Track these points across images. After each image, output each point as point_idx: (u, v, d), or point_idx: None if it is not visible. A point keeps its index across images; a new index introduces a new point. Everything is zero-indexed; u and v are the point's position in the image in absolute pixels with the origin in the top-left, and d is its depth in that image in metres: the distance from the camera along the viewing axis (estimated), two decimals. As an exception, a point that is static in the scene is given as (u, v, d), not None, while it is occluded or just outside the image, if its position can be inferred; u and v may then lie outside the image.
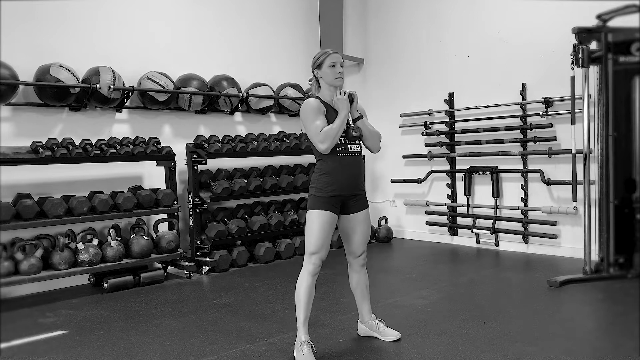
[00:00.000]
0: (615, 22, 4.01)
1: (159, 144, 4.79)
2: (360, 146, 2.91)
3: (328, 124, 2.73)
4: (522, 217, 5.27)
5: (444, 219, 5.94)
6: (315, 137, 2.72)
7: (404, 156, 6.24)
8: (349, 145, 2.82)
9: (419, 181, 6.07)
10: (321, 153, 2.77)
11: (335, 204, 2.79)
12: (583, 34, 4.06)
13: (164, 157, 4.69)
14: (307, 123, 2.75)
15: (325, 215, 2.75)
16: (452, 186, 5.88)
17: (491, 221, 5.44)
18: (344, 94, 2.78)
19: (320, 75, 2.84)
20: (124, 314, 3.63)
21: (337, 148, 2.79)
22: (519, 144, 5.27)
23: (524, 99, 5.22)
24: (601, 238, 4.14)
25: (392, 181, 6.35)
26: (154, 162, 4.84)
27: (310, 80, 2.92)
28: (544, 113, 5.00)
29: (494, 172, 5.41)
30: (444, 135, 5.87)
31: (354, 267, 3.00)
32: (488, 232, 5.45)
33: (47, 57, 4.31)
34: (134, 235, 4.47)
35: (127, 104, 4.79)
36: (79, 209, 4.13)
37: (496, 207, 5.42)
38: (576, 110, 4.30)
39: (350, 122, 2.82)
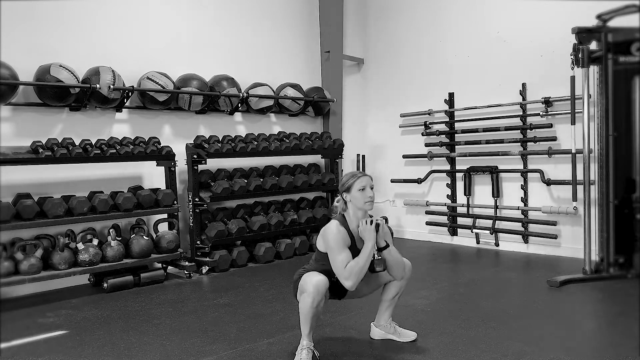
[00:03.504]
0: (615, 22, 4.01)
1: (159, 144, 4.79)
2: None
3: (352, 256, 2.63)
4: (522, 217, 5.27)
5: (444, 219, 5.94)
6: (340, 273, 2.62)
7: (404, 156, 6.23)
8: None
9: (419, 181, 6.07)
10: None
11: None
12: (583, 34, 4.06)
13: (164, 157, 4.69)
14: (332, 254, 2.65)
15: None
16: (452, 186, 5.88)
17: (491, 221, 5.44)
18: (371, 223, 2.67)
19: (349, 198, 2.75)
20: (124, 314, 3.63)
21: None
22: (519, 144, 5.27)
23: (524, 99, 5.22)
24: (601, 238, 4.14)
25: (392, 181, 6.35)
26: (154, 162, 4.83)
27: (337, 201, 2.83)
28: (544, 113, 5.01)
29: (494, 172, 5.41)
30: (444, 135, 5.87)
31: (397, 283, 2.91)
32: (488, 232, 5.45)
33: (47, 57, 4.31)
34: (134, 235, 4.47)
35: (127, 104, 4.79)
36: (79, 209, 4.13)
37: (496, 207, 5.42)
38: (576, 110, 4.30)
39: (375, 254, 2.70)
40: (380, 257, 2.70)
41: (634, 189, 4.02)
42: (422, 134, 6.03)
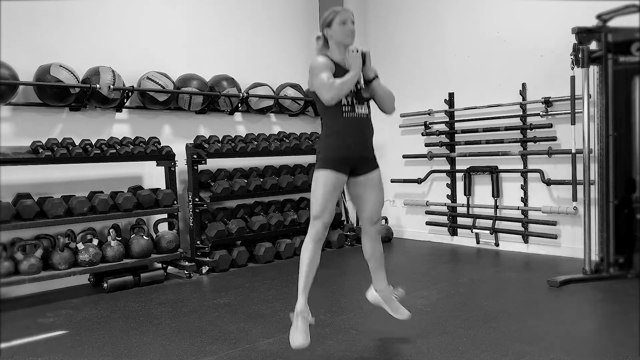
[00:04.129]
0: (615, 22, 4.01)
1: (159, 144, 4.79)
2: (369, 109, 2.81)
3: None
4: (522, 217, 5.27)
5: (444, 219, 5.94)
6: (322, 86, 2.58)
7: (404, 156, 6.24)
8: (356, 106, 2.72)
9: (419, 181, 6.07)
10: (327, 112, 2.66)
11: (342, 166, 2.69)
12: (583, 34, 4.06)
13: (164, 157, 4.69)
14: (315, 76, 2.62)
15: (329, 175, 2.65)
16: (452, 186, 5.88)
17: (491, 221, 5.44)
18: (357, 51, 2.66)
19: (330, 34, 2.71)
20: (124, 314, 3.63)
21: (344, 109, 2.69)
22: (519, 144, 5.27)
23: (524, 99, 5.22)
24: (601, 238, 4.14)
25: (392, 181, 6.35)
26: (154, 162, 4.84)
27: (317, 38, 2.79)
28: (543, 113, 5.00)
29: (494, 172, 5.41)
30: (444, 135, 5.87)
31: (369, 234, 2.90)
32: (488, 232, 5.45)
33: (47, 57, 4.31)
34: (134, 235, 4.47)
35: (127, 104, 4.79)
36: (79, 209, 4.13)
37: (496, 207, 5.42)
38: (576, 110, 4.30)
39: (362, 84, 2.70)
40: (365, 88, 2.74)
41: (634, 189, 4.02)
42: (422, 134, 6.03)
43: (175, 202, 4.67)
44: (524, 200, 5.25)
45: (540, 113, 5.03)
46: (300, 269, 2.71)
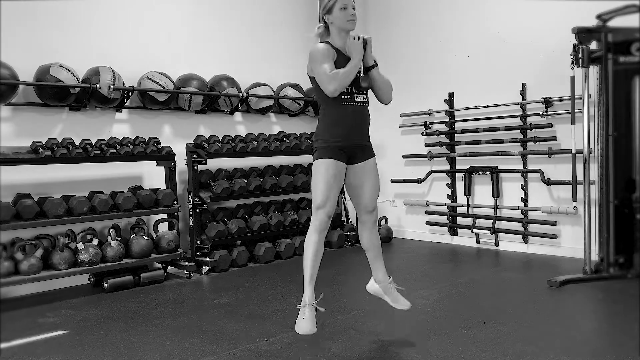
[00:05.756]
0: (615, 22, 4.01)
1: (159, 144, 4.79)
2: (367, 97, 2.81)
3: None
4: (522, 217, 5.27)
5: (444, 219, 5.94)
6: (324, 78, 2.57)
7: (404, 156, 6.24)
8: (355, 95, 2.72)
9: (419, 181, 6.07)
10: (326, 100, 2.65)
11: (341, 155, 2.68)
12: (583, 34, 4.06)
13: (164, 157, 4.69)
14: (316, 65, 2.61)
15: (329, 164, 2.65)
16: (452, 186, 5.88)
17: (491, 221, 5.44)
18: (358, 39, 2.65)
19: (331, 20, 2.69)
20: (124, 314, 3.63)
21: (343, 97, 2.68)
22: (519, 144, 5.27)
23: (524, 99, 5.22)
24: (601, 238, 4.14)
25: (392, 181, 6.35)
26: (154, 162, 4.84)
27: (318, 27, 2.78)
28: (543, 113, 5.00)
29: (494, 172, 5.41)
30: (444, 135, 5.87)
31: (366, 224, 2.90)
32: (488, 232, 5.45)
33: (47, 57, 4.31)
34: (134, 235, 4.47)
35: (127, 104, 4.79)
36: (79, 209, 4.13)
37: (496, 207, 5.42)
38: (576, 110, 4.29)
39: (361, 71, 2.69)
40: (365, 75, 2.72)
41: (634, 189, 4.02)
42: (422, 134, 6.03)
43: (175, 202, 4.67)
44: (524, 200, 5.25)
45: (540, 113, 5.03)
46: (305, 261, 2.70)
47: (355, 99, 2.73)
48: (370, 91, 2.92)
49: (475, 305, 3.59)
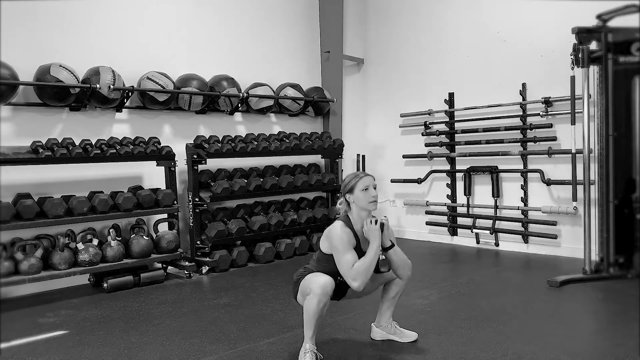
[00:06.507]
0: (615, 22, 4.01)
1: (159, 144, 4.79)
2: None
3: (358, 257, 2.61)
4: (522, 217, 5.27)
5: (444, 219, 5.94)
6: (347, 273, 2.58)
7: (404, 156, 6.24)
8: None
9: (419, 181, 6.07)
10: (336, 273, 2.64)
11: None
12: (583, 34, 4.06)
13: (164, 157, 4.69)
14: (338, 254, 2.62)
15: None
16: (452, 186, 5.88)
17: (491, 221, 5.44)
18: (376, 223, 2.66)
19: (352, 199, 2.72)
20: (124, 314, 3.63)
21: None
22: (519, 144, 5.27)
23: (524, 99, 5.22)
24: (601, 238, 4.14)
25: (392, 181, 6.35)
26: (154, 162, 4.83)
27: (340, 203, 2.81)
28: (544, 113, 5.01)
29: (494, 172, 5.41)
30: (444, 135, 5.87)
31: (400, 283, 2.90)
32: (488, 232, 5.45)
33: (47, 57, 4.31)
34: (134, 235, 4.47)
35: (127, 104, 4.79)
36: (79, 209, 4.13)
37: (496, 207, 5.42)
38: (576, 110, 4.30)
39: (380, 253, 2.69)
40: (385, 258, 2.70)
41: (634, 189, 4.02)
42: (422, 134, 6.03)
43: (175, 202, 4.67)
44: (524, 200, 5.25)
45: (540, 113, 5.03)
46: (308, 319, 2.61)
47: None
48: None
49: (475, 305, 3.59)
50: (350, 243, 2.65)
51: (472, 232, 5.63)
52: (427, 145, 6.02)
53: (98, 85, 4.36)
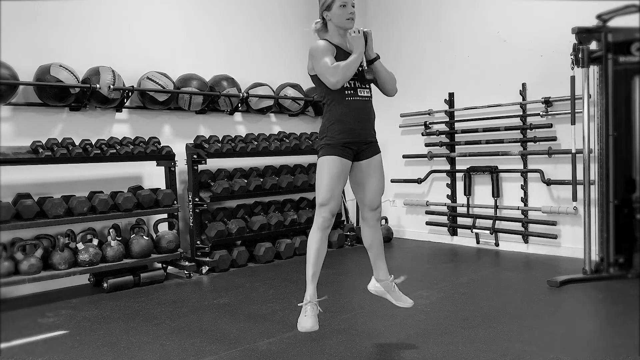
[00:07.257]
0: (615, 22, 4.01)
1: (159, 144, 4.79)
2: (370, 91, 2.80)
3: None
4: (522, 217, 5.27)
5: (444, 219, 5.94)
6: (326, 71, 2.57)
7: (404, 156, 6.24)
8: (359, 89, 2.71)
9: (419, 181, 6.07)
10: (330, 97, 2.65)
11: (346, 151, 2.68)
12: (583, 34, 4.06)
13: (164, 157, 4.69)
14: (317, 61, 2.61)
15: (334, 161, 2.65)
16: (452, 186, 5.88)
17: (491, 221, 5.44)
18: (359, 32, 2.65)
19: (330, 17, 2.69)
20: (124, 314, 3.63)
21: (346, 92, 2.67)
22: (519, 144, 5.27)
23: (523, 99, 5.22)
24: (601, 238, 4.14)
25: (392, 181, 6.35)
26: (154, 162, 4.84)
27: (316, 23, 2.77)
28: (543, 113, 5.01)
29: (494, 172, 5.41)
30: (444, 135, 5.87)
31: (369, 221, 2.89)
32: (488, 232, 5.45)
33: (47, 57, 4.31)
34: (134, 235, 4.47)
35: (127, 104, 4.79)
36: (79, 209, 4.13)
37: (496, 207, 5.42)
38: (576, 110, 4.30)
39: (364, 64, 2.69)
40: (368, 68, 2.71)
41: (634, 189, 4.02)
42: (422, 134, 6.03)
43: (175, 202, 4.67)
44: (524, 200, 5.25)
45: (540, 113, 5.03)
46: (307, 258, 2.70)
47: (359, 94, 2.72)
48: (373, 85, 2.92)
49: (475, 305, 3.59)
50: (330, 50, 2.65)
51: (472, 232, 5.63)
52: (427, 145, 6.02)
53: (98, 85, 4.36)
